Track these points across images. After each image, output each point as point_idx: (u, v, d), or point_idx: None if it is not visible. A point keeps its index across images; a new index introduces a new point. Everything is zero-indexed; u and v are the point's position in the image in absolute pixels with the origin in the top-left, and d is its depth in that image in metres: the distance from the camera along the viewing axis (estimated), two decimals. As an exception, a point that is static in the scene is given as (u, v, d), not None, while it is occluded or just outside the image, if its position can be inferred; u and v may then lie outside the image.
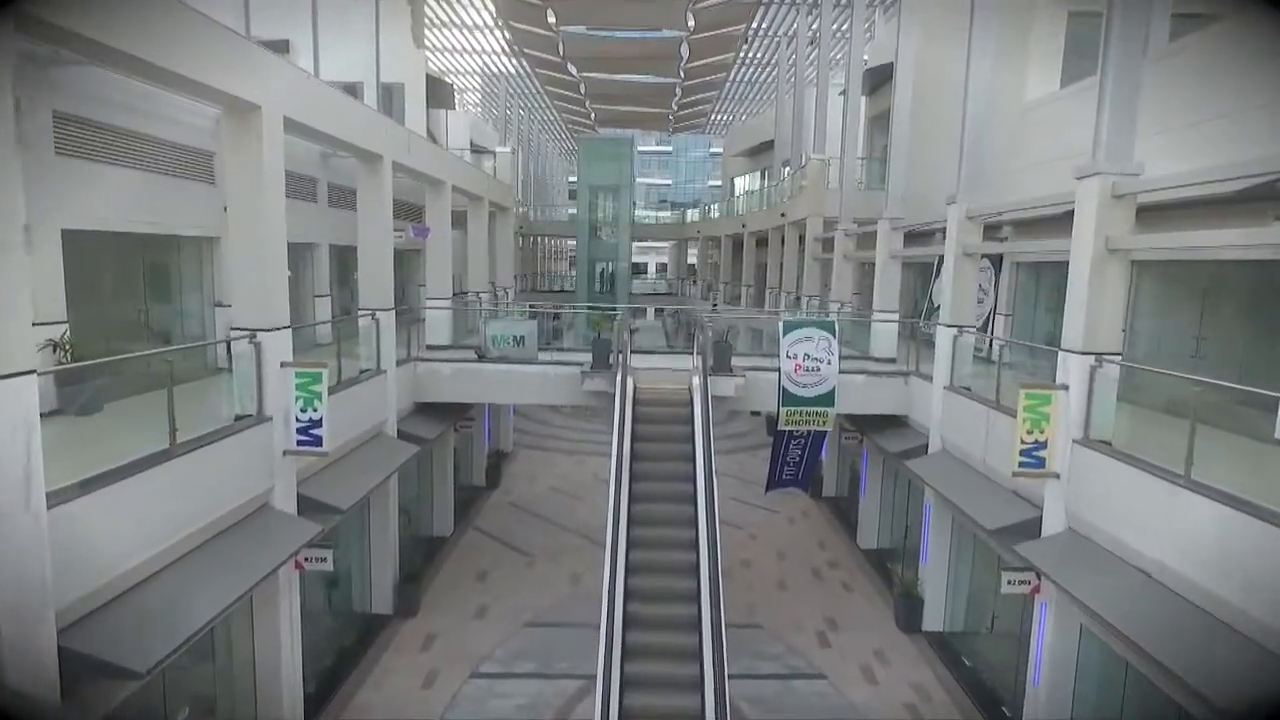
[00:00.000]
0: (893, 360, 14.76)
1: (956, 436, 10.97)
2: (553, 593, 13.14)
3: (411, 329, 13.10)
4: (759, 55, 31.76)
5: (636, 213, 47.67)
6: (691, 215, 45.15)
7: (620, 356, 11.77)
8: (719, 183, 59.56)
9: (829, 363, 12.50)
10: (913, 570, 12.93)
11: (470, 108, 41.13)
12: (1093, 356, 7.77)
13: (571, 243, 45.72)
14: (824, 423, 12.70)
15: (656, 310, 51.60)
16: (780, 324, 12.63)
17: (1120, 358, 7.80)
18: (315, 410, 8.17)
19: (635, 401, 10.90)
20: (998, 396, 9.80)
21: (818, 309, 21.37)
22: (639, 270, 67.84)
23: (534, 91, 38.87)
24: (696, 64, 31.47)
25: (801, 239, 23.64)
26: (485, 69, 34.46)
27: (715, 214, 40.44)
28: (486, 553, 14.90)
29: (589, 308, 20.33)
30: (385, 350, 11.44)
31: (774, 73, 32.76)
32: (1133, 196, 7.58)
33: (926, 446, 11.82)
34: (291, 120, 8.22)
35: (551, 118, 45.83)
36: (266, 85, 7.61)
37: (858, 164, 19.11)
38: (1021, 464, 8.13)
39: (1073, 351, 7.95)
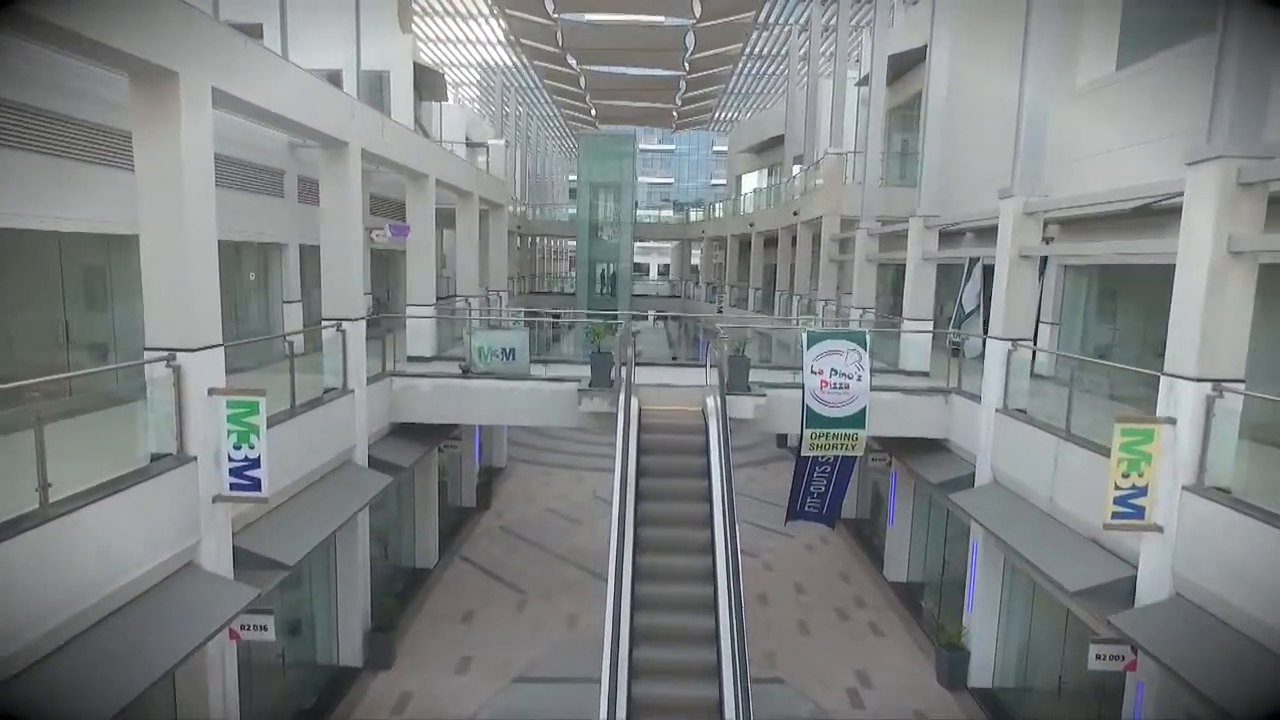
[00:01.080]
0: (925, 374, 13.28)
1: (1013, 468, 9.47)
2: (547, 639, 11.65)
3: (388, 339, 11.60)
4: (768, 49, 30.27)
5: (638, 212, 46.12)
6: (695, 215, 43.60)
7: (623, 371, 10.31)
8: (723, 181, 58.10)
9: (859, 379, 11.03)
10: (952, 611, 11.44)
11: (467, 103, 39.69)
12: (1209, 384, 6.28)
13: (572, 243, 44.20)
14: (853, 447, 11.23)
15: (658, 315, 50.35)
16: (804, 334, 11.15)
17: (1245, 385, 6.29)
18: (251, 447, 6.69)
19: (640, 427, 9.41)
20: (1068, 424, 8.31)
21: (835, 314, 19.90)
22: (640, 271, 66.40)
23: (532, 85, 37.42)
24: (702, 55, 29.99)
25: (815, 239, 22.19)
26: (481, 62, 32.99)
27: (719, 213, 38.95)
28: (473, 589, 13.40)
29: (587, 316, 18.83)
30: (353, 366, 9.96)
31: (784, 64, 31.30)
32: (1263, 185, 6.08)
33: (973, 477, 10.32)
34: (223, 94, 6.74)
35: (550, 113, 44.38)
36: (185, 48, 6.12)
37: (878, 159, 17.57)
38: (1116, 514, 6.63)
39: (1182, 377, 6.45)
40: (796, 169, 26.11)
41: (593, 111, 42.28)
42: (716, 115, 45.16)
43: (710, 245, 40.28)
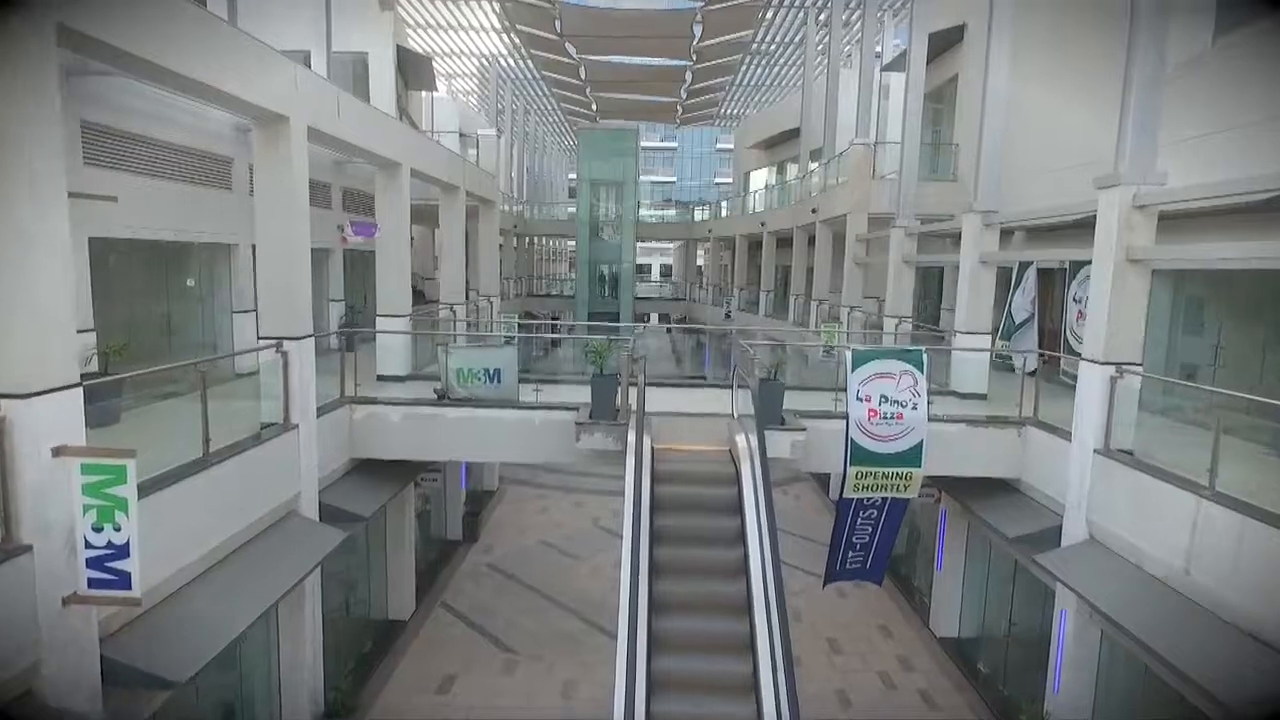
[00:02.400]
0: (983, 397, 11.39)
1: (1120, 525, 7.56)
2: (540, 712, 9.76)
3: (348, 357, 9.70)
4: (780, 35, 28.37)
5: (640, 211, 44.12)
6: (701, 214, 41.63)
7: (630, 392, 8.42)
8: (728, 179, 56.17)
9: (914, 407, 9.16)
10: (1022, 681, 9.58)
11: (462, 95, 37.85)
12: None
13: (572, 243, 42.21)
14: (906, 488, 9.37)
15: (661, 317, 48.38)
16: (848, 353, 9.27)
17: None
18: (117, 528, 4.78)
19: (653, 477, 7.49)
20: (1212, 480, 6.41)
21: (864, 324, 18.00)
22: (642, 272, 64.47)
23: (530, 77, 35.60)
24: (710, 43, 28.11)
25: (837, 239, 20.32)
26: (476, 50, 31.10)
27: (726, 212, 37.03)
28: (454, 646, 11.48)
29: (587, 328, 16.93)
30: (298, 396, 8.06)
31: (797, 53, 29.44)
32: None
33: (1059, 532, 8.42)
34: (79, 34, 4.84)
35: (549, 106, 42.56)
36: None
37: (916, 149, 15.65)
38: (1331, 626, 4.73)
39: None
40: (814, 165, 24.24)
41: (593, 105, 40.45)
42: (722, 110, 43.34)
43: (717, 245, 38.40)
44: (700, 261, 47.99)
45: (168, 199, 9.90)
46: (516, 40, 29.22)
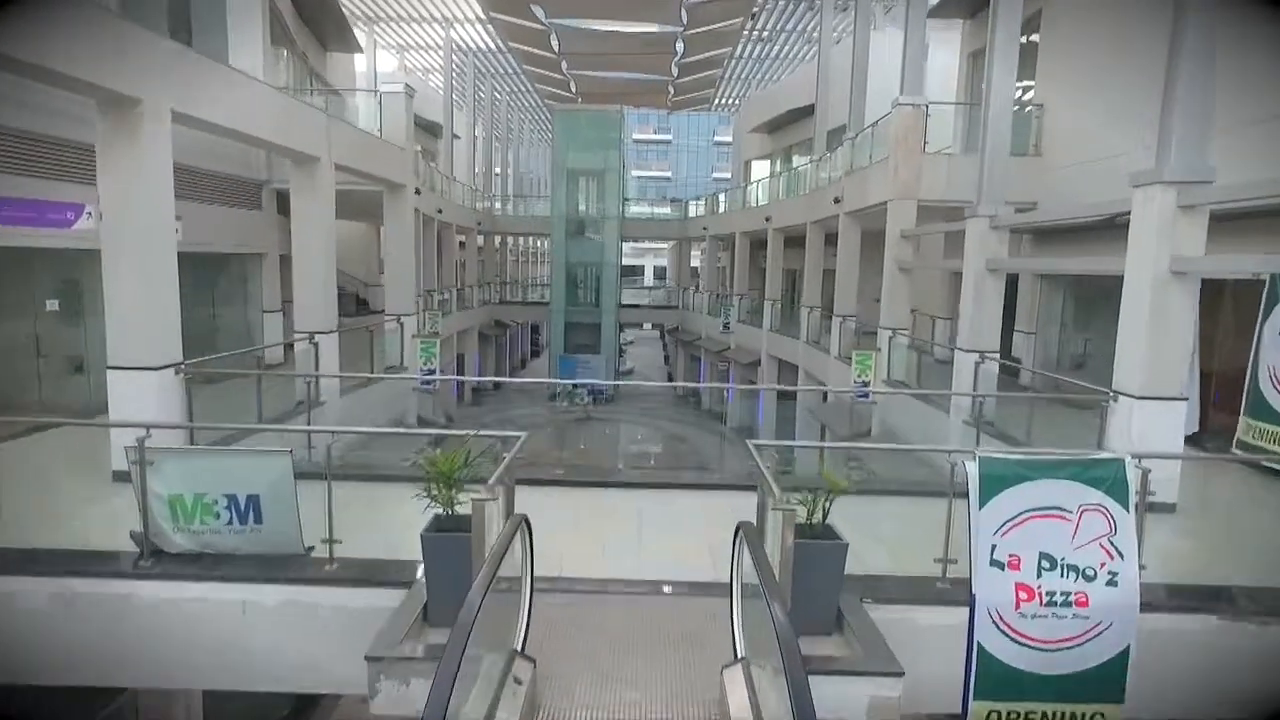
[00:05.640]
0: (1171, 508, 6.56)
1: None
2: None
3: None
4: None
5: (631, 208, 39.12)
6: (696, 209, 36.70)
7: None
8: (727, 175, 51.30)
9: (1111, 579, 4.40)
10: None
11: (418, 74, 32.99)
12: None
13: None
14: (1090, 741, 4.57)
15: (654, 325, 43.35)
16: (968, 465, 4.42)
17: None
18: None
19: None
20: None
21: (909, 350, 13.15)
22: (635, 274, 59.67)
23: (496, 50, 30.68)
24: (705, 2, 23.22)
25: (867, 236, 15.55)
26: (427, 13, 26.25)
27: (724, 207, 32.09)
28: None
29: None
30: None
31: (810, 18, 24.64)
32: None
33: None
34: None
35: (524, 88, 37.66)
36: None
37: (1008, 109, 10.72)
38: None
39: None
40: (827, 151, 19.40)
41: (572, 86, 35.53)
42: (720, 93, 38.45)
43: (713, 245, 33.52)
44: (695, 263, 43.06)
45: None
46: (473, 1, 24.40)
